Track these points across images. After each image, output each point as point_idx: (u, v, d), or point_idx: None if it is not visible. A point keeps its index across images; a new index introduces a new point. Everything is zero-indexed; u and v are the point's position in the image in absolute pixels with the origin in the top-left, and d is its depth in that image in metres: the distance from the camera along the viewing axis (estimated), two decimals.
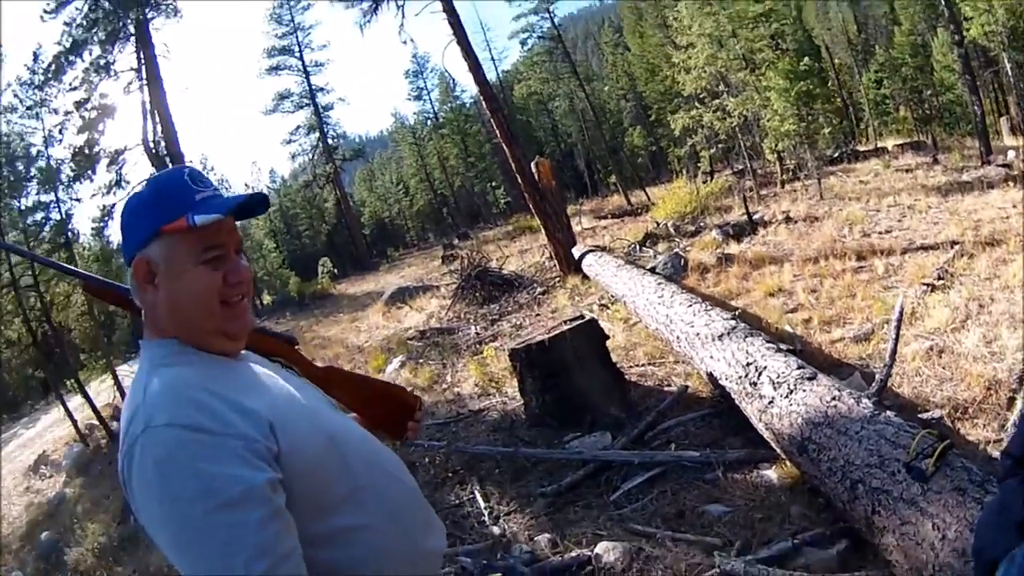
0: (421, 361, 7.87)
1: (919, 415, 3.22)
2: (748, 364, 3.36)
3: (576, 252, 9.68)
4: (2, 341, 14.05)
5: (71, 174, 16.29)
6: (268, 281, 25.01)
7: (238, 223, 1.27)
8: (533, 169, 10.12)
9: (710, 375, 3.87)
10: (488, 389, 5.87)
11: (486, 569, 3.04)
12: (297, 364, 1.49)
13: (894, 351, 3.47)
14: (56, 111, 17.20)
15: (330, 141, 36.18)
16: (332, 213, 38.99)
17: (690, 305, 4.78)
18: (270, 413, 1.08)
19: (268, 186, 44.67)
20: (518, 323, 8.37)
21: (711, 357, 3.87)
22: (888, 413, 2.38)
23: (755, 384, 3.17)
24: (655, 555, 2.69)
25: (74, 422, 13.01)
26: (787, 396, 2.83)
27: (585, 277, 9.02)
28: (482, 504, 3.78)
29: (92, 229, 18.83)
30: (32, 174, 14.72)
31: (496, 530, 3.47)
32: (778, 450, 2.93)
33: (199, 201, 1.14)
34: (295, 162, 38.87)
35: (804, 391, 2.76)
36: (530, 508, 3.57)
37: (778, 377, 3.01)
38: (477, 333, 8.53)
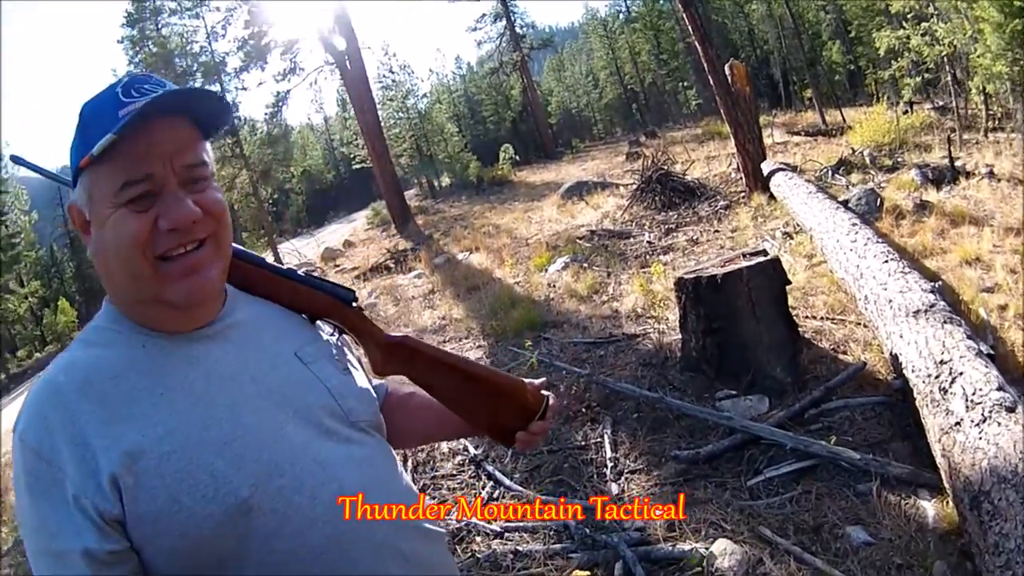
0: (585, 265, 7.67)
1: None
2: (942, 362, 2.76)
3: (765, 168, 8.85)
4: None
5: (240, 65, 16.93)
6: (448, 164, 25.64)
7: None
8: (727, 72, 9.20)
9: (894, 358, 3.29)
10: (648, 311, 5.54)
11: (585, 539, 2.88)
12: (354, 331, 1.12)
13: None
14: (219, 8, 17.84)
15: (518, 30, 36.00)
16: (518, 101, 39.27)
17: (886, 261, 4.08)
18: (130, 460, 0.79)
19: (454, 71, 46.23)
20: (694, 237, 7.86)
21: (900, 336, 3.27)
22: None
23: (945, 392, 2.60)
24: (773, 575, 2.39)
25: None
26: (978, 424, 2.27)
27: (772, 197, 8.22)
28: (608, 453, 3.56)
29: (266, 114, 19.62)
30: (195, 68, 15.35)
31: (615, 489, 3.26)
32: (946, 485, 2.41)
33: (122, 118, 0.83)
34: (481, 49, 39.27)
35: (999, 425, 2.19)
36: (658, 471, 3.29)
37: (974, 393, 2.43)
38: (649, 242, 8.18)
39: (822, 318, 4.52)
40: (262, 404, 0.90)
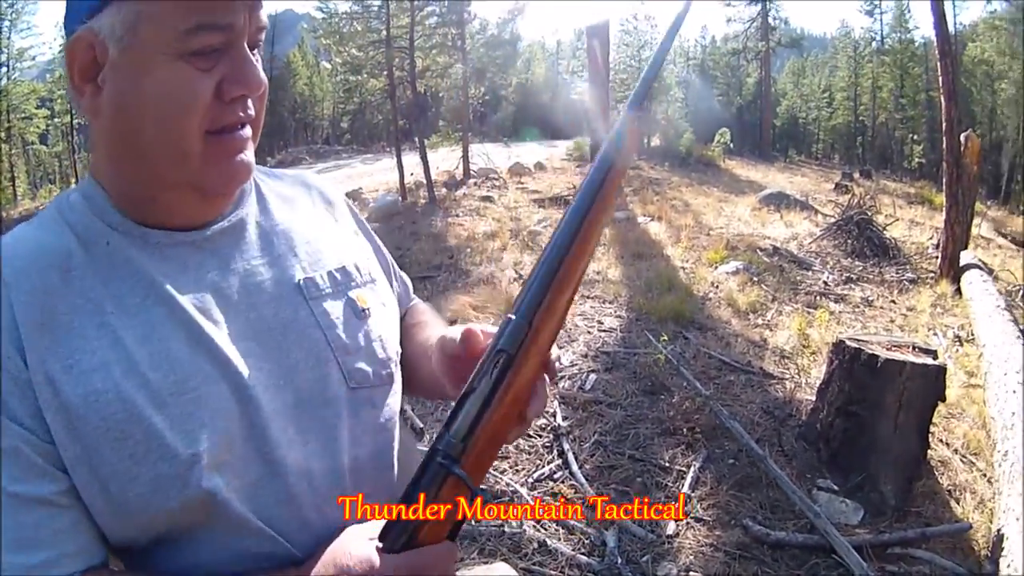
0: (755, 279, 7.35)
1: None
2: None
3: (964, 258, 8.00)
4: (368, 87, 15.62)
5: None
6: (663, 127, 25.04)
7: None
8: (962, 141, 8.32)
9: (999, 538, 2.82)
10: (795, 356, 5.24)
11: (613, 569, 2.78)
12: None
13: None
14: None
15: (770, 20, 35.75)
16: (750, 90, 38.62)
17: None
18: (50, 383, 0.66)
19: (697, 39, 45.90)
20: (870, 299, 7.27)
21: (1017, 518, 2.77)
22: None
23: None
24: None
25: (401, 175, 13.92)
26: None
27: (959, 291, 7.38)
28: (686, 488, 3.41)
29: (499, 19, 18.34)
30: None
31: (671, 528, 3.11)
32: None
33: None
34: (729, 27, 38.72)
35: None
36: (720, 532, 3.11)
37: None
38: (825, 283, 7.71)
39: (955, 450, 3.98)
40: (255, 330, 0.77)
